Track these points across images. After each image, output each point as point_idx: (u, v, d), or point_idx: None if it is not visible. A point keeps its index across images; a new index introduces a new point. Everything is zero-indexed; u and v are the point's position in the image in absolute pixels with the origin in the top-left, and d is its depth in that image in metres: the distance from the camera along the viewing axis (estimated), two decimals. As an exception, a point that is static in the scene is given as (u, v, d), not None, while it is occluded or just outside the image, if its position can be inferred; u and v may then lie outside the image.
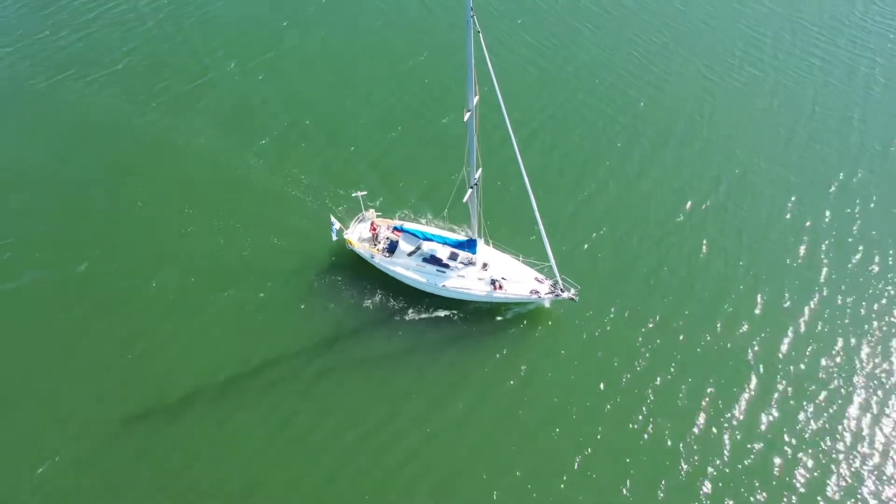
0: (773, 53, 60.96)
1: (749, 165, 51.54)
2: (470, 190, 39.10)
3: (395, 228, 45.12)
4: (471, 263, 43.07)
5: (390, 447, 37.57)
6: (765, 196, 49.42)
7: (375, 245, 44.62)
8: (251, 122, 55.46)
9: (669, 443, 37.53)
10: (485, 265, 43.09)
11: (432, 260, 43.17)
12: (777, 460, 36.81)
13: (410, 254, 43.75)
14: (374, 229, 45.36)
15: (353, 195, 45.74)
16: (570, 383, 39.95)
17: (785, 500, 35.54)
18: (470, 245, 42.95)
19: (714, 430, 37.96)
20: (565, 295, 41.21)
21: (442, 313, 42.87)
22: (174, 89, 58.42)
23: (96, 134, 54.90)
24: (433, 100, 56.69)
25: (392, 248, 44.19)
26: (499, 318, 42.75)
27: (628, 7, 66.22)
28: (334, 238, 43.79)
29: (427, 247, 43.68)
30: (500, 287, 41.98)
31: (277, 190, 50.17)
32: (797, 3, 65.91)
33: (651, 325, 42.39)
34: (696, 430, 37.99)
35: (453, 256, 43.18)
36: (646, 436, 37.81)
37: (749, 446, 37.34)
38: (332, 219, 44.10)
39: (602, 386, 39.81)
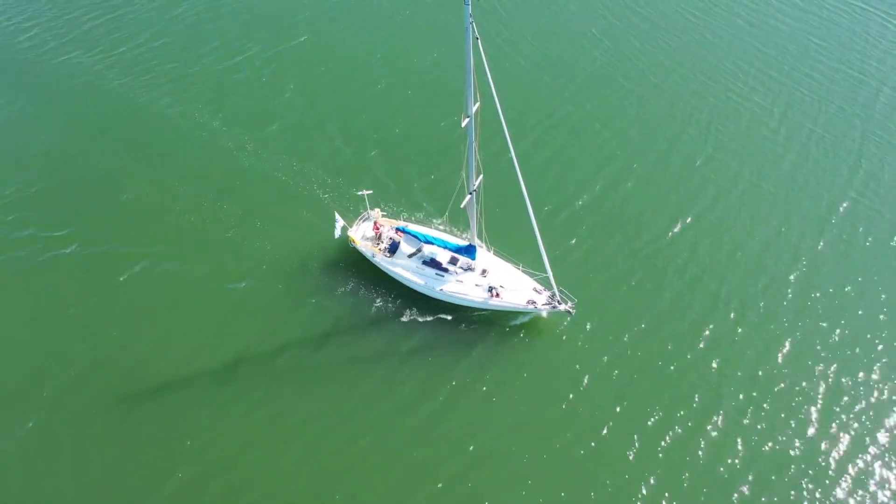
0: (787, 73, 59.91)
1: (748, 186, 50.70)
2: (469, 196, 39.04)
3: (398, 229, 45.20)
4: (470, 269, 42.96)
5: (355, 439, 37.86)
6: (761, 219, 48.50)
7: (378, 244, 44.76)
8: (257, 110, 56.60)
9: (633, 460, 36.90)
10: (484, 272, 42.96)
11: (432, 263, 43.15)
12: (741, 488, 36.10)
13: (411, 255, 43.78)
14: (378, 228, 45.48)
15: (358, 193, 45.93)
16: (540, 392, 39.57)
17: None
18: (469, 251, 42.88)
19: (679, 451, 37.23)
20: (562, 307, 40.89)
21: (432, 317, 42.77)
22: (185, 73, 60.16)
23: (104, 111, 56.70)
24: (443, 98, 56.88)
25: (393, 248, 44.28)
26: (486, 325, 42.54)
27: (634, 18, 65.81)
28: (337, 235, 43.98)
29: (428, 250, 43.68)
30: (497, 295, 41.81)
31: (276, 178, 51.04)
32: (818, 25, 64.85)
33: (628, 340, 41.84)
34: (661, 448, 37.31)
35: (453, 261, 43.12)
36: (607, 451, 37.27)
37: (715, 469, 36.59)
38: (337, 215, 44.33)
39: (572, 396, 39.38)
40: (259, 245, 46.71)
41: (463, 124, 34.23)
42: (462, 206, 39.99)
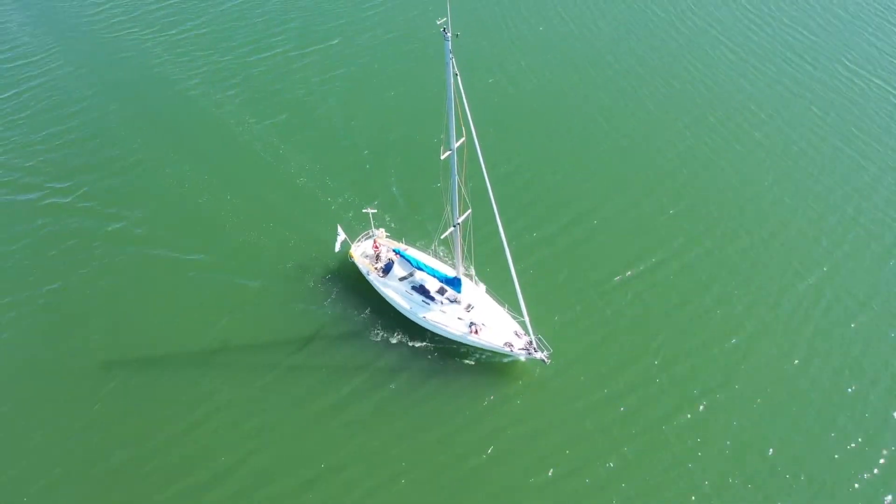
0: (783, 136, 56.54)
1: (720, 242, 48.50)
2: (451, 228, 38.92)
3: (394, 251, 45.48)
4: (456, 302, 42.70)
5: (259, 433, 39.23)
6: (723, 274, 46.42)
7: (375, 263, 45.15)
8: (277, 105, 59.95)
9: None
10: (469, 306, 42.60)
11: (420, 290, 43.17)
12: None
13: (402, 279, 43.98)
14: (377, 247, 45.92)
15: (364, 210, 46.51)
16: (447, 414, 39.70)
17: None
18: (454, 283, 42.65)
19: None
20: (537, 355, 40.07)
21: (408, 340, 42.90)
22: (218, 60, 64.87)
23: (140, 86, 62.27)
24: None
25: (387, 269, 44.61)
26: (459, 358, 42.24)
27: (631, 61, 64.44)
28: (336, 249, 44.58)
29: (419, 276, 43.75)
30: (477, 332, 41.35)
31: (275, 168, 53.86)
32: (822, 94, 60.82)
33: (582, 381, 41.12)
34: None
35: (441, 291, 42.99)
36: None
37: None
38: (339, 229, 44.92)
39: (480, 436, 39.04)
40: (259, 243, 48.40)
41: (443, 156, 34.25)
42: (442, 237, 39.93)
